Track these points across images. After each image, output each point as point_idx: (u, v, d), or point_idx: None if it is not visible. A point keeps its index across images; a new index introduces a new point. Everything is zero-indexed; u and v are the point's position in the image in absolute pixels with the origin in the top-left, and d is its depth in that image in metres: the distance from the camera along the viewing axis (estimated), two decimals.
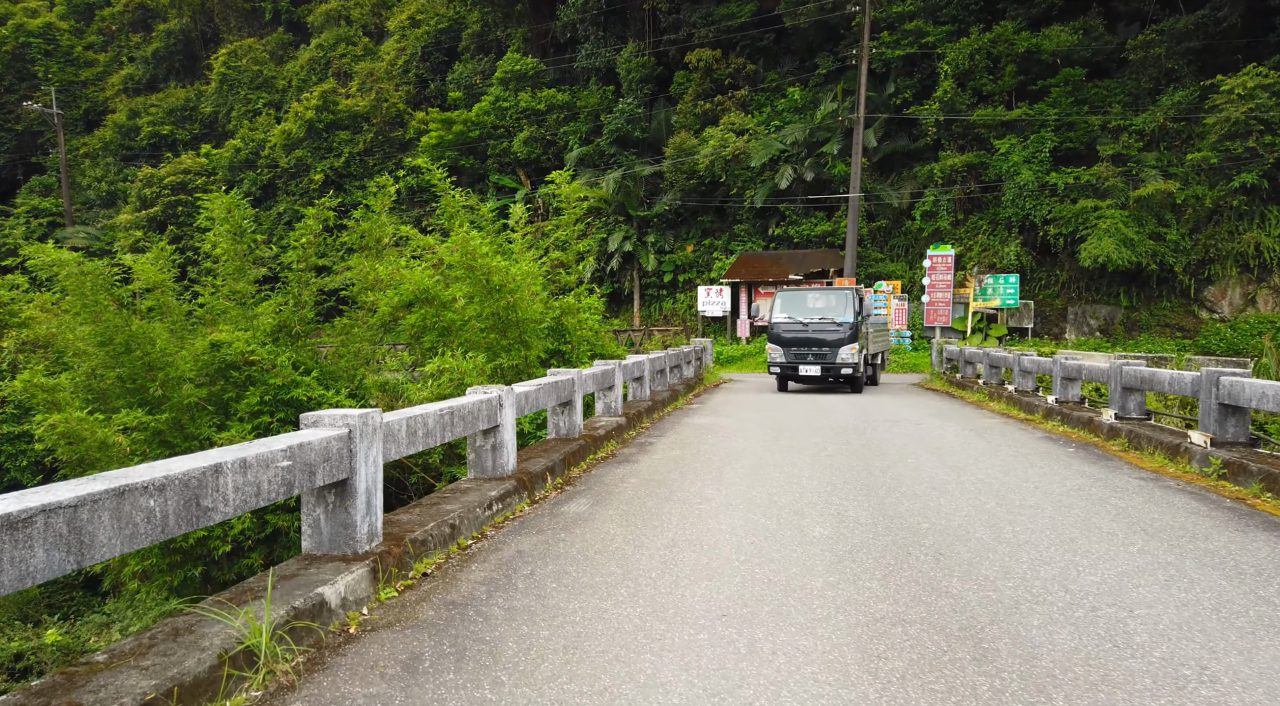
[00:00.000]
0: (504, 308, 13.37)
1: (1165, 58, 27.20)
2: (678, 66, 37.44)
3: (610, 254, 35.67)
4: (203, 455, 3.44)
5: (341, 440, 4.22)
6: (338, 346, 17.70)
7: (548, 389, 7.95)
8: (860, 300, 17.94)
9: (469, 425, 5.99)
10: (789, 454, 9.06)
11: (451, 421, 5.66)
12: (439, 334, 14.48)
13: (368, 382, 16.20)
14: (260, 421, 14.14)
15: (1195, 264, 26.28)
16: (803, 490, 7.02)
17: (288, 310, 16.52)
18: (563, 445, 8.32)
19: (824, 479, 7.54)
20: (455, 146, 39.67)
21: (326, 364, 16.84)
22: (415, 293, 14.02)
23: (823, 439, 10.27)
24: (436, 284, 14.01)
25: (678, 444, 9.99)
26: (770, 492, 6.91)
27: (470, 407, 5.99)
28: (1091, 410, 11.09)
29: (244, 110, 49.21)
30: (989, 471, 7.88)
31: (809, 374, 17.28)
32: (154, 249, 17.68)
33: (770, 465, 8.33)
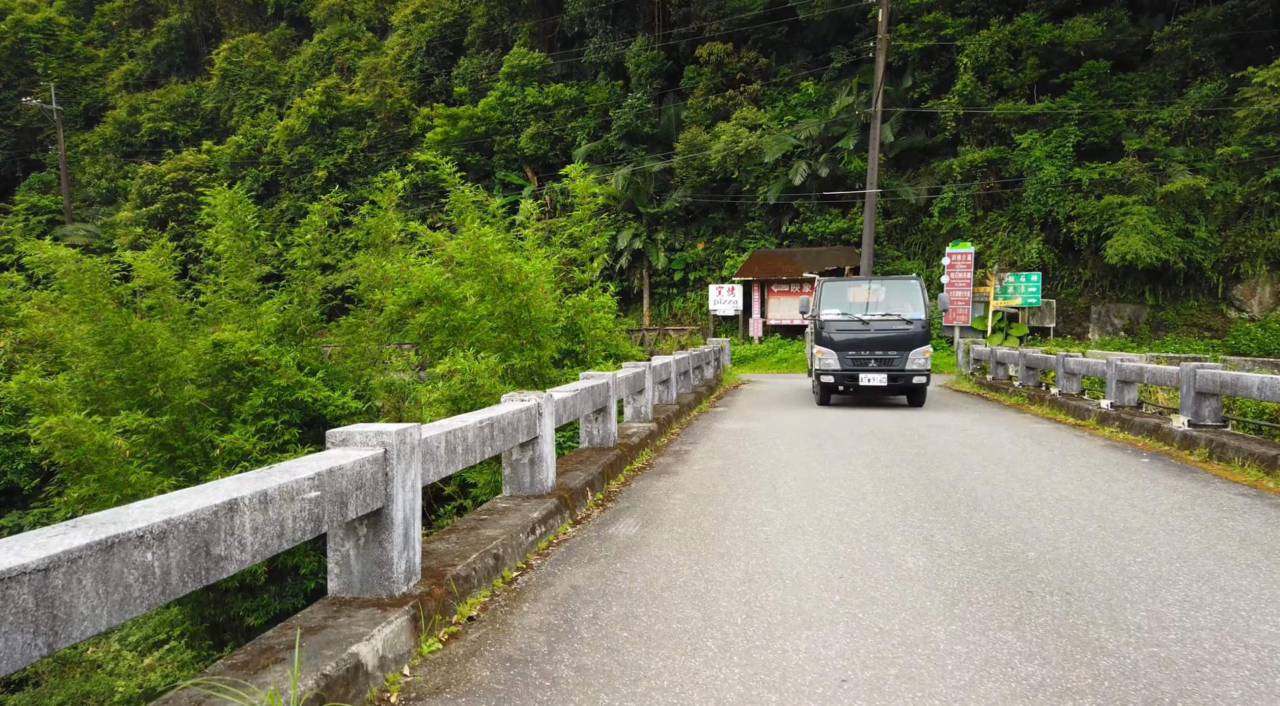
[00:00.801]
0: (516, 306, 12.87)
1: (1193, 50, 26.46)
2: (688, 60, 36.71)
3: (619, 251, 34.97)
4: (213, 488, 2.76)
5: (376, 462, 3.54)
6: (343, 346, 17.31)
7: (584, 395, 7.27)
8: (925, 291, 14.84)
9: (508, 438, 5.30)
10: (841, 465, 8.37)
11: (491, 435, 4.97)
12: (449, 333, 13.98)
13: (375, 383, 15.75)
14: (264, 423, 13.77)
15: (1224, 261, 25.57)
16: (872, 508, 6.33)
17: (292, 309, 16.14)
18: (598, 455, 7.64)
19: (891, 494, 6.86)
20: (461, 142, 38.96)
21: (332, 364, 16.41)
22: (424, 291, 13.51)
23: (871, 447, 9.59)
24: (446, 282, 13.49)
25: (716, 452, 9.31)
26: (838, 511, 6.22)
27: (509, 418, 5.31)
28: (1156, 416, 10.40)
29: (246, 106, 48.49)
30: (1068, 486, 7.19)
31: (872, 384, 13.91)
32: (154, 246, 17.25)
33: (825, 477, 7.65)
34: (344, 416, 14.15)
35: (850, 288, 15.20)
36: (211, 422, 13.58)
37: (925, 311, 14.17)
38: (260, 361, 13.40)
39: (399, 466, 3.66)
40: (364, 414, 15.00)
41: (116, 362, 12.85)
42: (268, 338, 14.92)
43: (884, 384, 13.85)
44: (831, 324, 14.38)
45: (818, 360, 14.52)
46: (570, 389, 7.05)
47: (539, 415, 5.85)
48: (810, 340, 15.72)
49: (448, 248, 14.52)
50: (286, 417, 13.87)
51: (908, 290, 14.74)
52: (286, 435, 13.75)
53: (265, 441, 13.25)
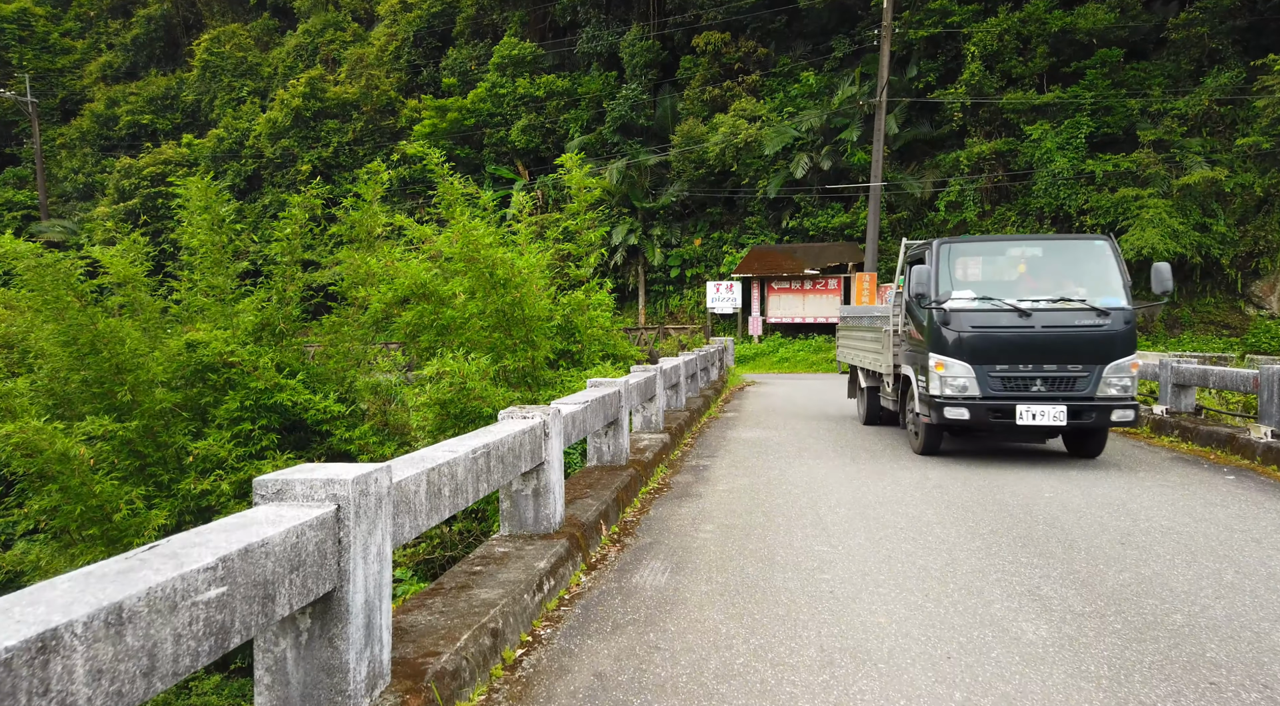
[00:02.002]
0: (509, 304, 12.00)
1: (1209, 37, 25.55)
2: (684, 50, 35.61)
3: (614, 247, 33.86)
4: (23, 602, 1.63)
5: (324, 526, 2.43)
6: (325, 346, 16.41)
7: (595, 407, 6.16)
8: None
9: (508, 468, 4.19)
10: (885, 484, 7.30)
11: (488, 465, 3.86)
12: (437, 333, 13.11)
13: (359, 385, 14.83)
14: (241, 428, 13.06)
15: (1242, 257, 24.68)
16: (945, 544, 5.26)
17: (271, 307, 15.34)
18: (610, 476, 6.54)
19: (961, 525, 5.78)
20: (450, 135, 37.71)
21: (314, 365, 15.47)
22: (411, 287, 12.60)
23: (912, 457, 8.52)
24: (435, 278, 12.60)
25: (738, 468, 8.22)
26: (907, 550, 5.14)
27: (510, 443, 4.20)
28: (1214, 423, 9.37)
29: (227, 98, 47.07)
30: (1162, 512, 6.15)
31: (1039, 424, 8.03)
32: (125, 240, 16.37)
33: (874, 501, 6.57)
34: (326, 421, 13.41)
35: (993, 254, 9.49)
36: (184, 428, 12.83)
37: (1126, 295, 8.32)
38: (237, 362, 12.40)
39: (358, 529, 2.55)
40: (347, 418, 14.12)
41: (82, 364, 12.04)
42: (245, 337, 14.27)
43: (1060, 422, 7.95)
44: (963, 316, 8.33)
45: (933, 378, 8.33)
46: (578, 400, 5.95)
47: (544, 436, 4.74)
48: (878, 340, 10.62)
49: (436, 242, 13.72)
50: (265, 422, 13.23)
51: (1093, 257, 8.69)
52: (265, 441, 13.05)
53: (242, 448, 12.29)
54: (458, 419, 10.98)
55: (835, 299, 30.33)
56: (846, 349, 13.32)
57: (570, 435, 5.47)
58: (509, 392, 12.13)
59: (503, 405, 11.54)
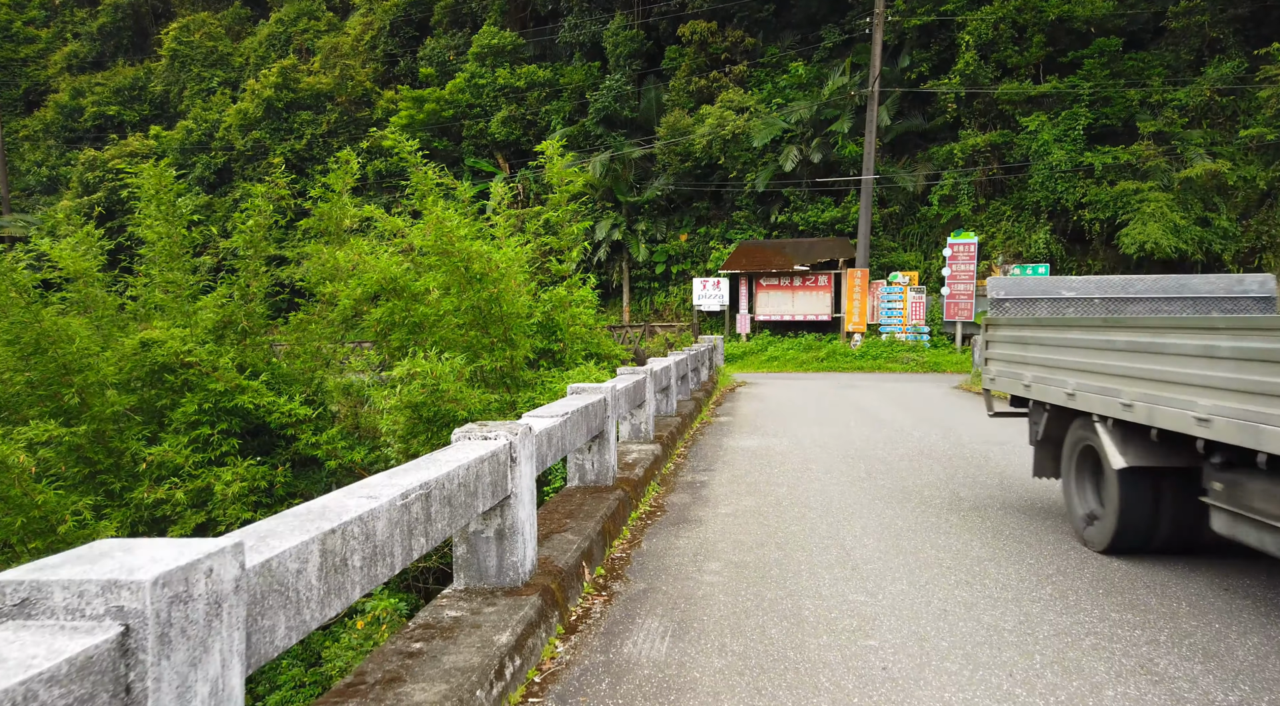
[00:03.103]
0: (485, 300, 11.19)
1: (1209, 26, 24.82)
2: (669, 40, 34.54)
3: (597, 243, 32.74)
4: None
5: (88, 675, 1.37)
6: (292, 345, 15.47)
7: (576, 420, 5.11)
8: None
9: (460, 511, 3.14)
10: (913, 505, 6.30)
11: (428, 513, 2.80)
12: (409, 331, 12.26)
13: (329, 386, 13.92)
14: (199, 433, 12.31)
15: (1244, 253, 23.97)
16: (1009, 590, 4.26)
17: (233, 304, 14.39)
18: (594, 501, 5.50)
19: (1014, 559, 4.79)
20: (427, 127, 36.43)
21: (280, 365, 14.51)
22: (381, 283, 11.71)
23: (936, 474, 7.53)
24: (406, 273, 11.84)
25: (741, 484, 7.20)
26: (965, 601, 4.12)
27: (463, 477, 3.14)
28: None
29: (197, 89, 45.48)
30: None
31: None
32: (79, 233, 15.41)
33: (905, 529, 5.57)
34: (291, 424, 12.53)
35: None
36: (138, 432, 12.01)
37: None
38: (195, 363, 11.63)
39: (166, 663, 1.49)
40: (315, 421, 13.17)
41: (27, 365, 11.27)
42: (205, 336, 13.40)
43: None
44: None
45: None
46: (555, 412, 4.89)
47: (511, 462, 3.69)
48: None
49: (409, 234, 12.82)
50: (225, 426, 12.05)
51: None
52: (224, 446, 12.28)
53: (200, 454, 11.41)
54: (430, 423, 10.13)
55: (825, 296, 29.42)
56: (1045, 368, 5.70)
57: (545, 456, 4.42)
58: (486, 395, 11.27)
59: (479, 407, 10.55)
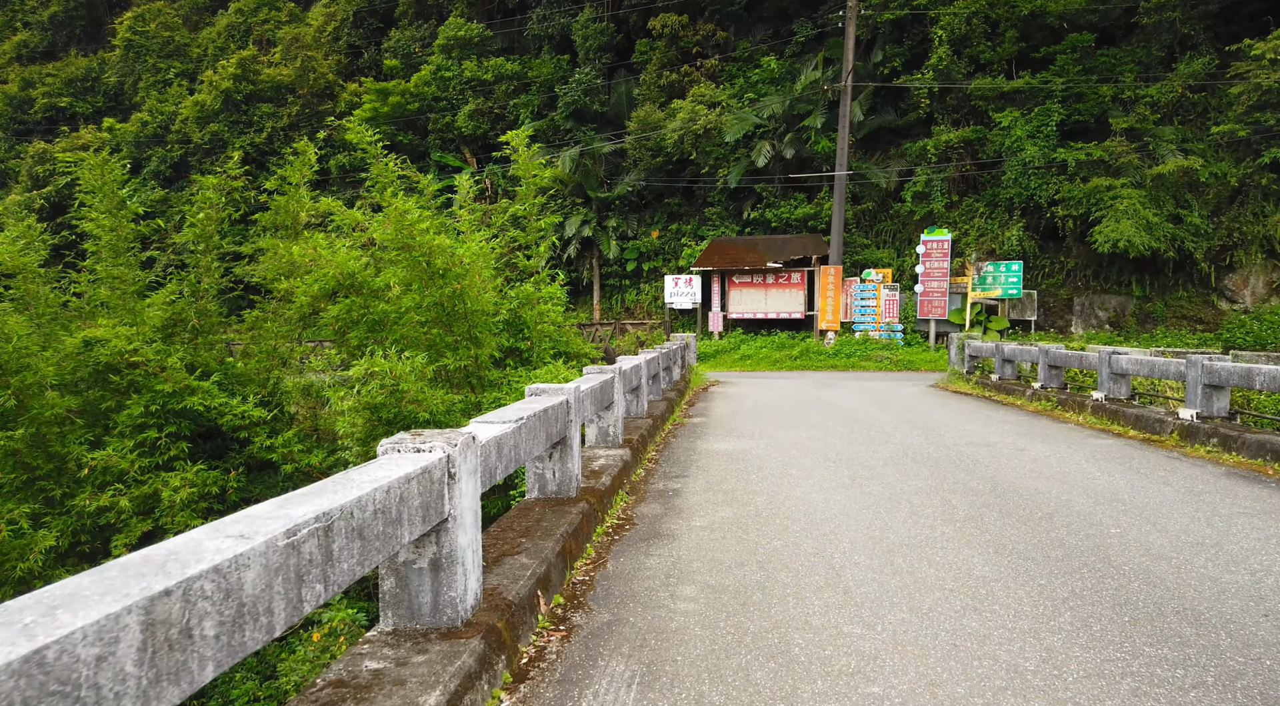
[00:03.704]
0: (449, 297, 10.47)
1: (1180, 22, 24.77)
2: (640, 33, 33.96)
3: (567, 239, 32.09)
4: None
5: None
6: (247, 344, 14.84)
7: (532, 425, 4.51)
8: None
9: (378, 544, 2.54)
10: (903, 513, 5.79)
11: (329, 552, 2.20)
12: (368, 329, 11.67)
13: (287, 386, 13.32)
14: (145, 436, 11.82)
15: (1216, 250, 23.95)
16: (1026, 615, 3.74)
17: (183, 301, 13.77)
18: (554, 515, 4.91)
19: (1024, 580, 4.28)
20: (392, 120, 35.52)
21: (235, 365, 13.90)
22: (338, 279, 11.14)
23: (924, 480, 7.04)
24: (365, 268, 11.21)
25: (717, 492, 6.65)
26: (976, 633, 3.60)
27: (382, 501, 2.54)
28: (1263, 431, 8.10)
29: (153, 81, 44.05)
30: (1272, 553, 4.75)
31: None
32: (18, 227, 14.74)
33: (899, 543, 5.04)
34: (244, 426, 11.74)
35: None
36: (81, 436, 11.40)
37: None
38: (141, 363, 11.03)
39: None
40: (270, 423, 12.57)
41: None
42: (152, 335, 12.73)
43: None
44: None
45: None
46: (509, 418, 4.29)
47: (448, 479, 3.09)
48: None
49: (369, 229, 12.24)
50: (173, 429, 11.52)
51: None
52: (173, 450, 11.78)
53: (146, 458, 10.87)
54: (390, 425, 9.62)
55: (799, 293, 29.04)
56: None
57: (495, 468, 3.82)
58: (449, 395, 10.80)
59: (441, 408, 9.94)
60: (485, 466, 3.63)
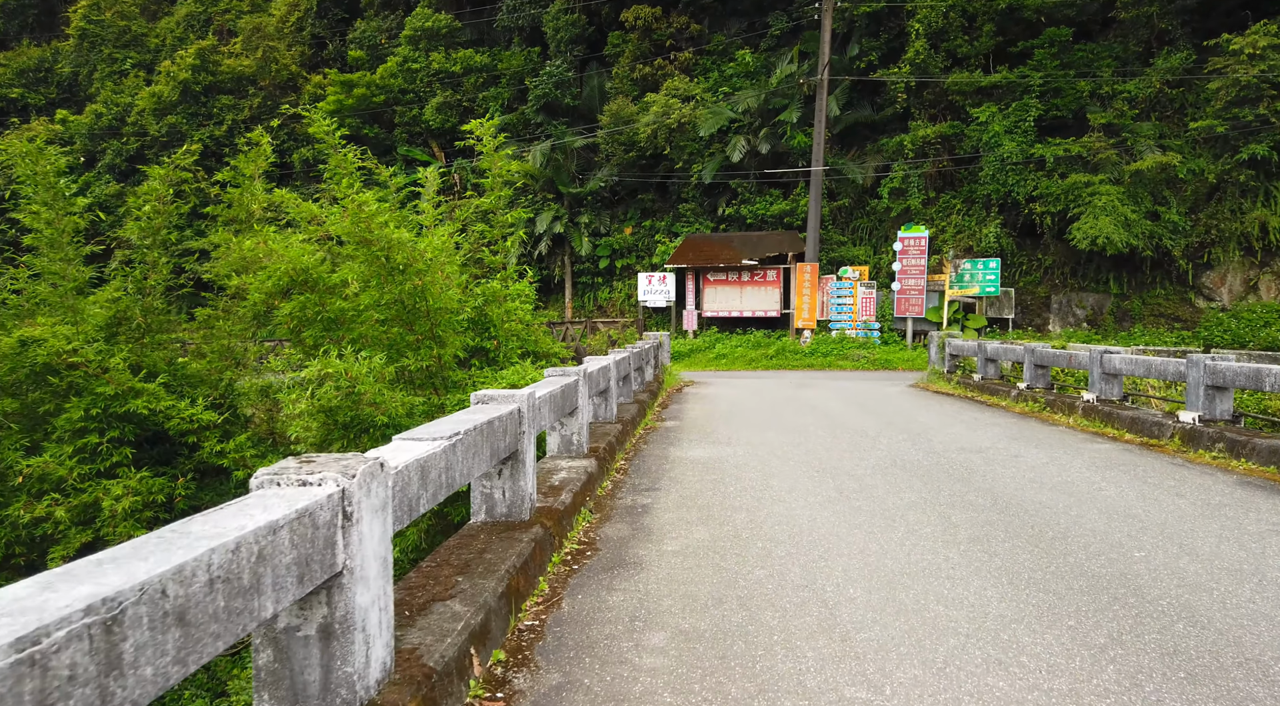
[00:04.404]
0: (409, 293, 9.71)
1: (1157, 17, 24.52)
2: (612, 26, 33.23)
3: (538, 236, 31.29)
4: None
5: None
6: (199, 343, 14.06)
7: (473, 441, 3.79)
8: None
9: (218, 627, 1.81)
10: (899, 533, 5.15)
11: (109, 660, 1.48)
12: (324, 328, 10.89)
13: (242, 387, 12.53)
14: (86, 442, 11.08)
15: (1194, 247, 23.73)
16: (1053, 673, 3.10)
17: (128, 299, 12.94)
18: (502, 543, 4.20)
19: (1047, 618, 3.65)
20: (357, 113, 34.48)
21: (186, 366, 13.12)
22: (290, 274, 10.40)
23: (917, 492, 6.41)
24: (320, 264, 10.27)
25: (691, 508, 5.97)
26: (1007, 695, 2.94)
27: (220, 564, 1.82)
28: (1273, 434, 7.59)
29: (108, 72, 42.52)
30: None
31: None
32: None
33: (900, 570, 4.39)
34: (193, 430, 11.04)
35: None
36: (16, 441, 10.59)
37: None
38: (81, 364, 10.35)
39: None
40: (222, 426, 11.78)
41: None
42: (95, 334, 11.89)
43: None
44: None
45: None
46: (440, 433, 3.56)
47: (344, 521, 2.38)
48: None
49: (325, 222, 11.50)
50: (116, 434, 10.77)
51: None
52: (116, 456, 10.96)
53: (87, 465, 10.16)
54: (347, 429, 8.98)
55: (774, 291, 28.49)
56: None
57: (417, 499, 3.11)
58: (410, 397, 10.10)
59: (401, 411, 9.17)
60: (403, 498, 2.92)
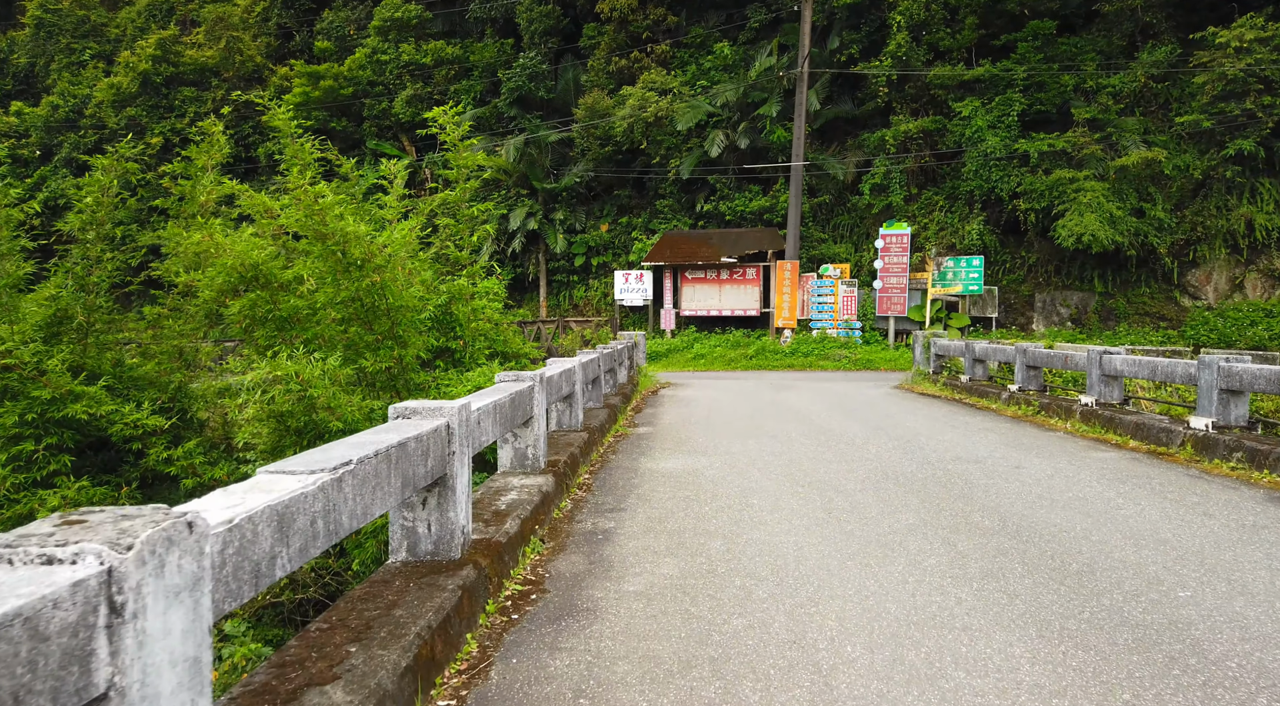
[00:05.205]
0: (367, 290, 9.09)
1: (1141, 10, 24.09)
2: (587, 17, 32.41)
3: (511, 233, 30.40)
4: None
5: None
6: (148, 344, 13.21)
7: (374, 467, 2.98)
8: None
9: None
10: (901, 565, 4.40)
11: None
12: (276, 327, 10.12)
13: (196, 390, 11.69)
14: (20, 449, 10.28)
15: (1179, 244, 23.31)
16: None
17: (69, 296, 12.11)
18: (421, 592, 3.39)
19: (1095, 688, 2.91)
20: (324, 105, 33.41)
21: (132, 367, 12.27)
22: (240, 270, 9.70)
23: (915, 512, 5.67)
24: (272, 259, 9.66)
25: (659, 534, 5.19)
26: None
27: None
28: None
29: (66, 62, 41.08)
30: None
31: None
32: None
33: (904, 618, 3.64)
34: (138, 436, 10.58)
35: None
36: None
37: None
38: (15, 365, 9.71)
39: None
40: (170, 431, 10.91)
41: None
42: (32, 333, 11.01)
43: None
44: None
45: None
46: (325, 463, 2.74)
47: (112, 619, 1.57)
48: None
49: (281, 216, 10.76)
50: (54, 441, 10.17)
51: None
52: (54, 464, 10.09)
53: (22, 474, 9.53)
54: (300, 435, 8.35)
55: (754, 290, 27.81)
56: None
57: (269, 562, 2.30)
58: (368, 401, 9.33)
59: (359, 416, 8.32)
60: (241, 563, 2.11)
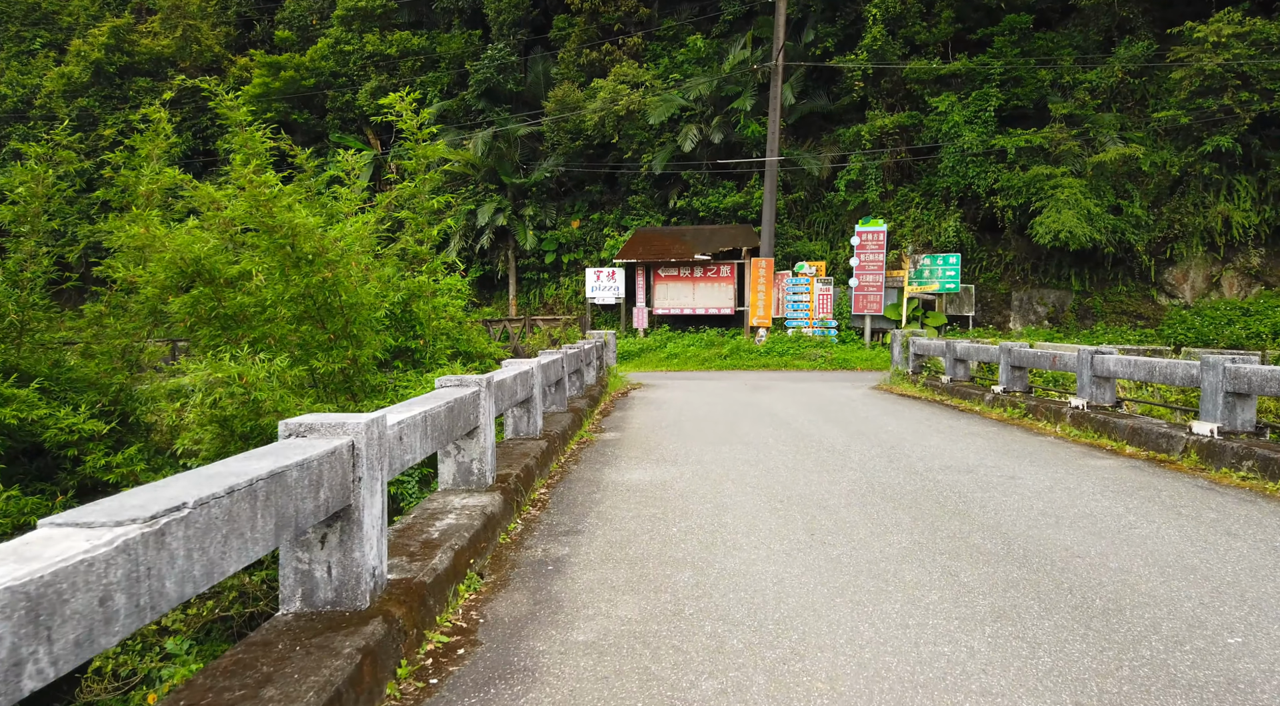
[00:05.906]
0: (318, 286, 8.51)
1: (1118, 5, 23.81)
2: (557, 8, 31.62)
3: (479, 229, 29.56)
4: None
5: None
6: (87, 342, 12.41)
7: (231, 508, 2.27)
8: None
9: None
10: (894, 609, 3.76)
11: None
12: (221, 325, 9.40)
13: (142, 392, 10.93)
14: None
15: (1156, 242, 23.08)
16: None
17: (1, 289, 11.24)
18: (307, 660, 2.68)
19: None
20: (285, 97, 32.32)
21: (72, 369, 11.45)
22: (181, 264, 9.09)
23: (908, 533, 5.04)
24: (216, 253, 9.06)
25: (619, 563, 4.51)
26: None
27: None
28: None
29: (15, 51, 39.49)
30: None
31: None
32: None
33: (905, 681, 2.99)
34: (74, 442, 9.77)
35: None
36: None
37: None
38: None
39: None
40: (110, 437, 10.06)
41: None
42: None
43: None
44: None
45: None
46: (153, 505, 2.04)
47: None
48: None
49: (227, 208, 10.03)
50: None
51: None
52: None
53: None
54: (246, 440, 7.85)
55: (728, 288, 27.22)
56: None
57: (52, 651, 1.59)
58: (320, 405, 8.68)
59: None
60: None
